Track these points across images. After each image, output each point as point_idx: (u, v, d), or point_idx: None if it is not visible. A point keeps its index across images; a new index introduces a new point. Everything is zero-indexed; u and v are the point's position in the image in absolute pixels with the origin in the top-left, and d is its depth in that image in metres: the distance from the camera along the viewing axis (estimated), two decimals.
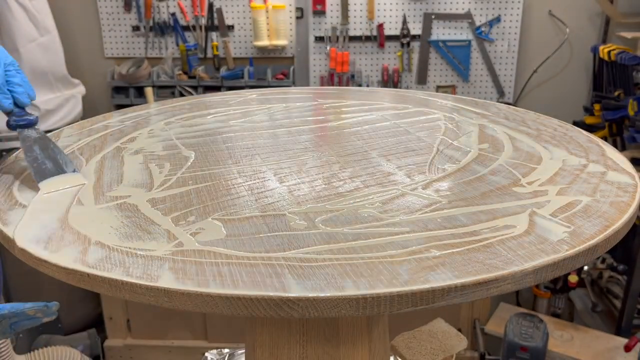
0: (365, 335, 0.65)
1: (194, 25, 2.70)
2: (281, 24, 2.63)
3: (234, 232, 0.49)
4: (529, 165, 0.64)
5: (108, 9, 2.73)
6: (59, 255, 0.45)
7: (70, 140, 0.78)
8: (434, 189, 0.58)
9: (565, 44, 2.63)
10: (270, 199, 0.56)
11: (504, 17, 2.62)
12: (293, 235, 0.48)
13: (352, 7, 2.63)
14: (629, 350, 1.80)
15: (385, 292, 0.39)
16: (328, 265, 0.43)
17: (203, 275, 0.42)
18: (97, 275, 0.42)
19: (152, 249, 0.46)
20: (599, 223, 0.49)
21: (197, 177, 0.63)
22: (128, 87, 2.71)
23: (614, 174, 0.61)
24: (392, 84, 2.69)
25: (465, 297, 0.40)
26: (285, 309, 0.39)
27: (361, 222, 0.50)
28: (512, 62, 2.69)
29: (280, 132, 0.81)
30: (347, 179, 0.61)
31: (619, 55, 2.23)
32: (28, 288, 2.07)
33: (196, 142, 0.76)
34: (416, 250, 0.45)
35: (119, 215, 0.53)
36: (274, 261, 0.44)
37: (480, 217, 0.51)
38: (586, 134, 0.77)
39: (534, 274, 0.42)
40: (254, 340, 0.67)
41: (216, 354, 1.19)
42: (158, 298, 0.41)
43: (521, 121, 0.83)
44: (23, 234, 0.49)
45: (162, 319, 1.98)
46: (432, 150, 0.71)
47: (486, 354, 1.85)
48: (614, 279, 2.32)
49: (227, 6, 2.67)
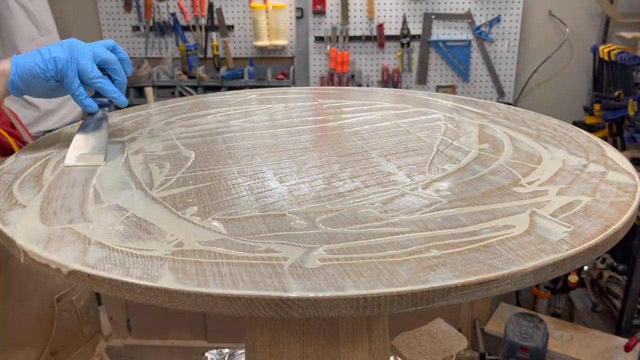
0: (365, 335, 0.65)
1: (194, 25, 2.70)
2: (281, 24, 2.64)
3: (234, 232, 0.49)
4: (529, 165, 0.64)
5: (108, 9, 2.74)
6: (59, 255, 0.45)
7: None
8: (434, 189, 0.58)
9: (565, 44, 2.64)
10: (270, 199, 0.56)
11: (504, 17, 2.62)
12: (293, 235, 0.48)
13: (352, 7, 2.64)
14: (629, 350, 1.80)
15: (386, 292, 0.39)
16: (328, 265, 0.43)
17: (203, 275, 0.42)
18: (98, 276, 0.43)
19: (152, 249, 0.46)
20: (599, 223, 0.49)
21: (197, 177, 0.63)
22: (128, 87, 2.71)
23: (614, 174, 0.61)
24: (392, 84, 2.69)
25: (465, 297, 0.40)
26: (285, 309, 0.39)
27: (361, 222, 0.50)
28: (512, 62, 2.69)
29: (280, 132, 0.81)
30: (347, 179, 0.61)
31: (619, 55, 2.23)
32: None
33: (196, 142, 0.76)
34: (416, 250, 0.45)
35: (119, 215, 0.53)
36: (274, 261, 0.44)
37: (480, 217, 0.51)
38: (586, 134, 0.77)
39: (534, 274, 0.42)
40: (254, 340, 0.67)
41: (216, 354, 1.19)
42: (158, 298, 0.41)
43: (521, 121, 0.83)
44: (23, 234, 0.49)
45: (162, 319, 1.98)
46: (432, 150, 0.71)
47: (486, 354, 1.85)
48: (614, 279, 2.32)
49: (227, 6, 2.67)
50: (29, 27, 2.13)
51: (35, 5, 2.17)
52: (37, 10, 2.17)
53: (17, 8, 2.09)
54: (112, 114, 0.93)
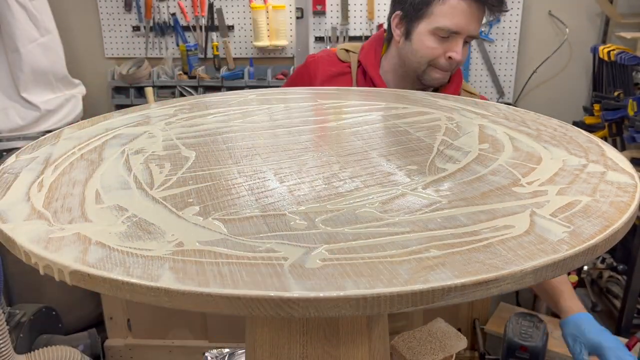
0: (365, 335, 0.65)
1: (194, 26, 2.70)
2: (281, 24, 2.63)
3: (234, 231, 0.49)
4: (528, 166, 0.64)
5: (108, 9, 2.74)
6: (59, 255, 0.45)
7: (71, 142, 0.78)
8: (434, 189, 0.58)
9: (565, 44, 2.64)
10: (270, 199, 0.56)
11: (504, 17, 2.62)
12: (293, 235, 0.48)
13: (352, 7, 2.63)
14: (629, 350, 1.80)
15: (385, 292, 0.39)
16: (328, 265, 0.43)
17: (203, 275, 0.42)
18: (98, 275, 0.43)
19: (153, 248, 0.46)
20: (599, 223, 0.49)
21: (198, 177, 0.63)
22: (128, 87, 2.71)
23: (613, 174, 0.61)
24: None
25: (465, 297, 0.40)
26: (285, 308, 0.39)
27: (361, 222, 0.50)
28: (512, 62, 2.69)
29: (281, 132, 0.81)
30: (347, 179, 0.61)
31: (619, 56, 2.23)
32: (28, 288, 2.07)
33: (196, 142, 0.76)
34: (416, 250, 0.45)
35: (119, 215, 0.53)
36: (274, 261, 0.44)
37: (480, 217, 0.51)
38: (586, 134, 0.77)
39: (534, 273, 0.42)
40: (254, 340, 0.67)
41: (216, 354, 1.19)
42: (159, 298, 0.41)
43: (521, 121, 0.83)
44: (24, 234, 0.49)
45: (162, 319, 1.98)
46: (432, 150, 0.71)
47: (486, 354, 1.85)
48: (614, 279, 2.32)
49: (227, 6, 2.67)
50: (29, 27, 2.13)
51: (35, 5, 2.17)
52: (37, 10, 2.17)
53: (17, 8, 2.09)
54: (112, 114, 0.93)
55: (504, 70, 2.68)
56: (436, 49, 1.22)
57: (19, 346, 1.73)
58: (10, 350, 1.30)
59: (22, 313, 1.81)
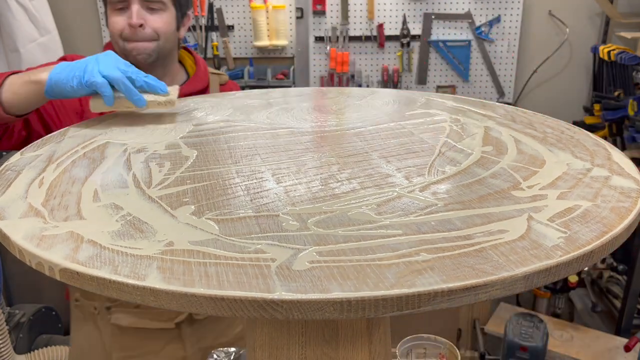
0: (366, 338, 0.65)
1: (194, 25, 2.71)
2: (281, 24, 2.63)
3: (226, 232, 0.49)
4: (530, 169, 0.63)
5: None
6: (50, 252, 0.46)
7: (75, 142, 0.79)
8: (431, 192, 0.57)
9: (565, 44, 2.60)
10: (265, 200, 0.56)
11: (504, 17, 2.59)
12: (284, 236, 0.48)
13: (352, 7, 2.63)
14: (629, 350, 1.78)
15: (370, 296, 0.39)
16: (316, 267, 0.43)
17: (190, 275, 0.42)
18: (86, 274, 0.43)
19: (143, 247, 0.46)
20: (597, 229, 0.48)
21: (196, 177, 0.63)
22: None
23: (618, 179, 0.59)
24: (392, 84, 2.68)
25: (452, 302, 0.40)
26: (268, 310, 0.39)
27: (354, 224, 0.50)
28: (512, 62, 2.66)
29: (282, 132, 0.81)
30: (344, 180, 0.61)
31: (619, 55, 2.21)
32: (28, 288, 2.09)
33: (198, 142, 0.76)
34: (406, 254, 0.44)
35: (114, 214, 0.53)
36: (261, 262, 0.43)
37: (475, 221, 0.50)
38: (593, 137, 0.75)
39: (525, 279, 0.41)
40: (254, 340, 0.66)
41: (222, 353, 1.19)
42: (144, 297, 0.41)
43: (528, 123, 0.82)
44: (19, 231, 0.50)
45: None
46: (434, 152, 0.70)
47: (486, 354, 1.84)
48: (614, 279, 2.30)
49: (227, 6, 2.68)
50: (29, 27, 2.15)
51: (35, 5, 2.18)
52: (37, 10, 2.18)
53: (17, 8, 2.11)
54: (116, 115, 0.94)
55: (504, 70, 2.65)
56: (117, 22, 1.18)
57: (18, 346, 1.75)
58: (10, 350, 1.31)
59: (22, 313, 1.83)
